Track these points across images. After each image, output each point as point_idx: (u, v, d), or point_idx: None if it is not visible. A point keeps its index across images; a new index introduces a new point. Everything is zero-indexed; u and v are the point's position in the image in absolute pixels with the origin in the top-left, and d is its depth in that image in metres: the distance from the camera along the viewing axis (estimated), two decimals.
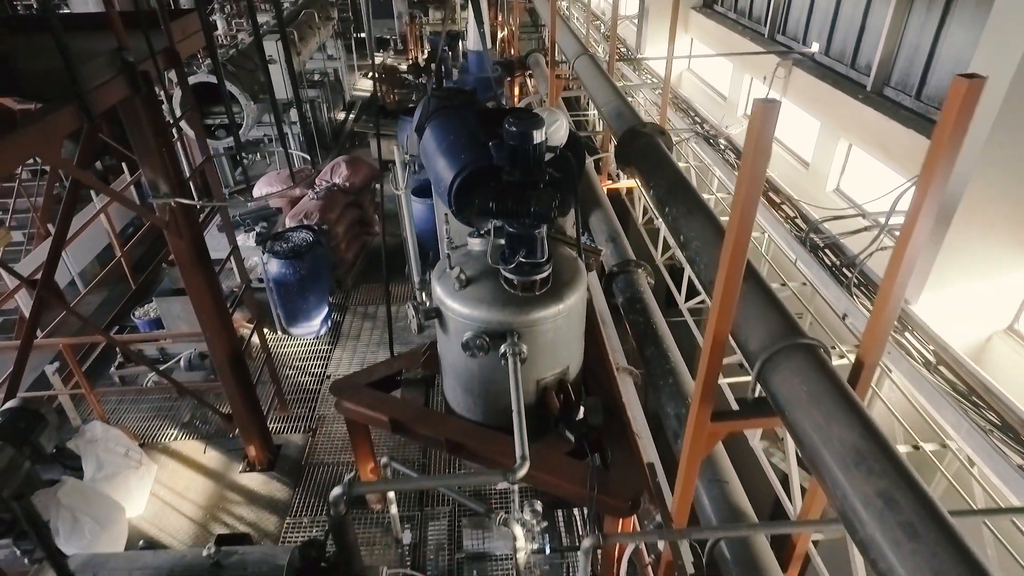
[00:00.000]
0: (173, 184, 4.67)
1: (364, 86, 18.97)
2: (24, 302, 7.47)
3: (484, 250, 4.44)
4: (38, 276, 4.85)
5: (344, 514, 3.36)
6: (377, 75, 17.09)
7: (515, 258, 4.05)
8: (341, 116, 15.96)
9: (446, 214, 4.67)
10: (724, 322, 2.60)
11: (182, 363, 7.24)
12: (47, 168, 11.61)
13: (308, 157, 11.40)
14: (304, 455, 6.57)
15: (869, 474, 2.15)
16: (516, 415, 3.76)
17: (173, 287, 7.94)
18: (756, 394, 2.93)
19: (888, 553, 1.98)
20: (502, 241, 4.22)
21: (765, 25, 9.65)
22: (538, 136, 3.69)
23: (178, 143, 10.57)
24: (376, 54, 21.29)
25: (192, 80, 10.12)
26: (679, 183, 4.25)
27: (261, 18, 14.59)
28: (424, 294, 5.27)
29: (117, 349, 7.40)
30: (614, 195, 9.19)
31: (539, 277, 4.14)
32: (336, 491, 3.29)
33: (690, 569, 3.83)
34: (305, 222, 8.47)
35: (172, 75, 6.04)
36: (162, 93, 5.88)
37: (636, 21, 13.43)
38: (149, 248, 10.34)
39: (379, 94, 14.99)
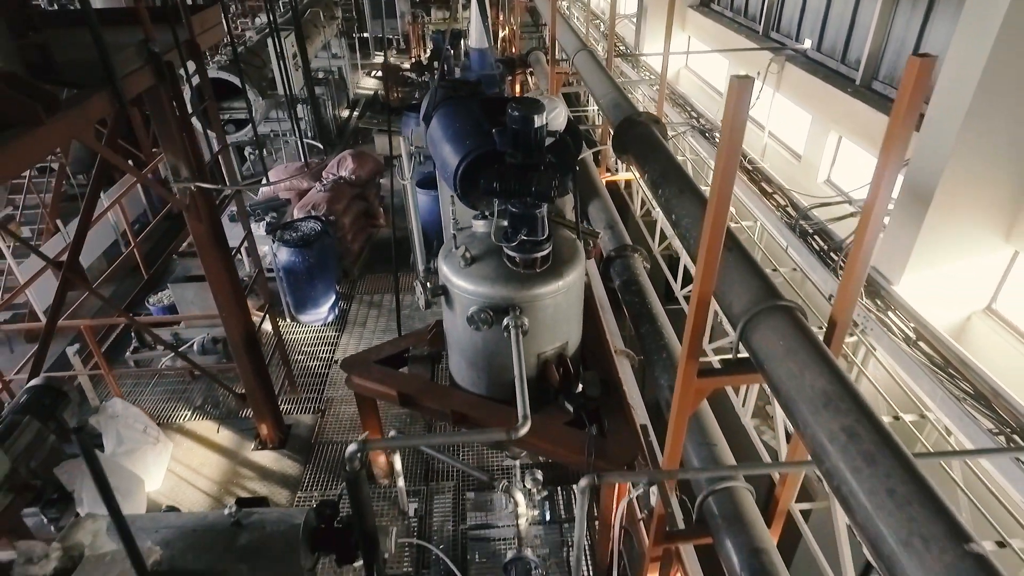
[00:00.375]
0: (193, 169, 4.94)
1: (367, 85, 19.25)
2: (35, 296, 7.67)
3: (488, 231, 4.69)
4: (62, 259, 5.13)
5: (359, 470, 3.62)
6: (381, 74, 17.36)
7: (517, 237, 4.31)
8: (345, 114, 16.24)
9: (452, 197, 4.94)
10: (707, 283, 2.86)
11: (195, 347, 7.50)
12: (55, 167, 11.90)
13: (321, 146, 11.67)
14: (314, 434, 6.84)
15: (835, 413, 2.41)
16: (518, 380, 4.03)
17: (185, 275, 8.20)
18: (739, 354, 3.20)
19: (849, 478, 2.23)
20: (505, 222, 4.49)
21: (760, 23, 9.91)
22: (539, 120, 3.96)
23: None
24: (379, 53, 21.58)
25: None
26: (671, 167, 4.51)
27: (265, 18, 14.86)
28: (428, 282, 5.54)
29: (132, 334, 7.66)
30: (613, 188, 9.46)
31: (540, 255, 4.40)
32: (351, 448, 3.55)
33: (680, 525, 4.10)
34: (313, 213, 8.74)
35: (181, 72, 6.31)
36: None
37: (635, 20, 13.70)
38: (156, 244, 10.61)
39: (384, 91, 15.26)
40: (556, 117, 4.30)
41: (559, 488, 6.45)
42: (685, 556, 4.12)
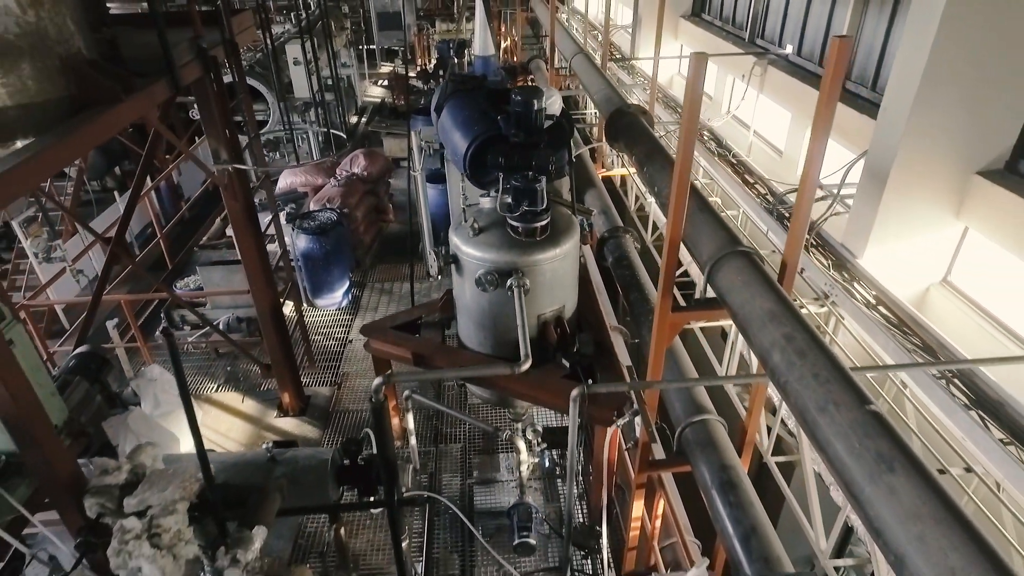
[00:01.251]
0: (231, 153, 5.56)
1: (374, 93, 19.99)
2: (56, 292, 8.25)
3: (493, 206, 5.29)
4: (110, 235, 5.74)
5: (383, 401, 4.19)
6: (389, 82, 18.09)
7: (519, 208, 4.90)
8: (354, 120, 16.93)
9: (462, 178, 5.55)
10: (676, 228, 3.47)
11: (221, 326, 8.09)
12: (72, 174, 12.53)
13: (343, 136, 12.32)
14: (331, 403, 7.41)
15: (778, 325, 3.02)
16: (521, 329, 4.62)
17: (210, 261, 8.81)
18: (706, 294, 3.80)
19: (786, 370, 2.83)
20: (509, 197, 5.09)
21: (746, 30, 10.59)
22: (538, 104, 4.58)
23: None
24: (385, 64, 22.34)
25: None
26: (655, 148, 5.14)
27: (278, 29, 15.59)
28: (436, 268, 6.11)
29: (162, 315, 8.25)
30: (610, 187, 10.09)
31: (539, 224, 4.99)
32: (377, 380, 4.13)
33: (661, 454, 4.68)
34: (328, 206, 9.37)
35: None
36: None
37: (630, 30, 14.41)
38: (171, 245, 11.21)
39: (392, 98, 15.95)
40: (552, 104, 4.92)
41: (555, 451, 7.01)
42: (666, 484, 4.70)
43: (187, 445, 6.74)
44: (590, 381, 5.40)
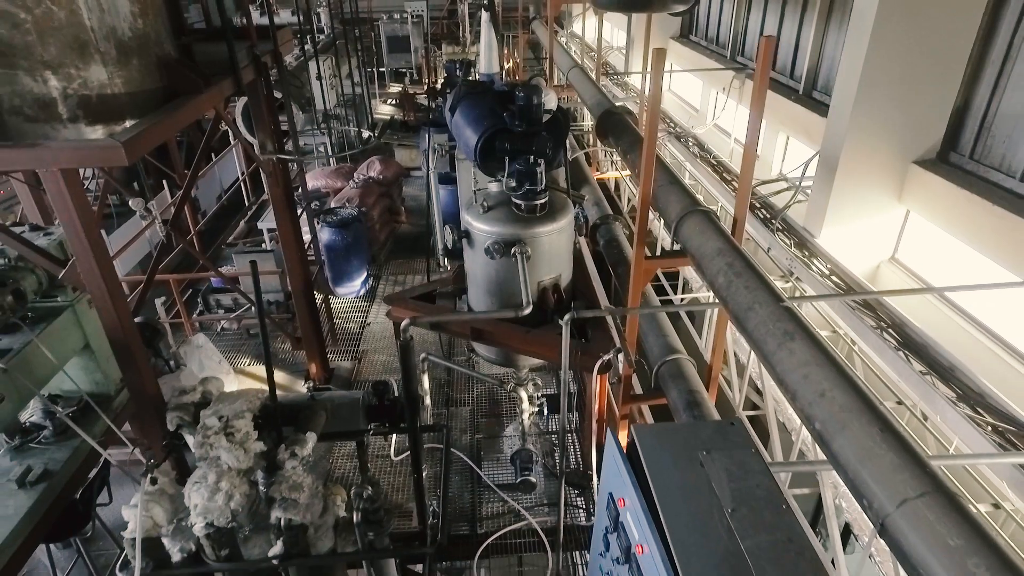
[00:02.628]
0: (275, 145, 6.50)
1: (384, 111, 21.12)
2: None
3: (499, 189, 6.20)
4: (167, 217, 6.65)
5: (411, 339, 5.04)
6: (398, 101, 19.21)
7: (522, 187, 5.81)
8: (366, 134, 18.00)
9: (473, 168, 6.47)
10: (647, 188, 4.38)
11: (253, 308, 8.96)
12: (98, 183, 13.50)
13: (370, 133, 13.32)
14: (352, 375, 8.25)
15: (724, 257, 3.91)
16: (523, 286, 5.49)
17: (243, 250, 9.73)
18: (673, 247, 4.69)
19: (725, 287, 3.70)
20: (513, 181, 6.00)
21: (728, 49, 11.64)
22: (537, 98, 5.52)
23: (237, 145, 12.54)
24: (395, 84, 23.51)
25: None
26: (636, 138, 6.06)
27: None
28: (446, 259, 6.99)
29: (199, 299, 9.14)
30: (604, 189, 11.02)
31: (539, 202, 5.90)
32: (405, 322, 5.00)
33: (639, 390, 5.52)
34: (348, 205, 10.31)
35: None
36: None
37: (624, 51, 15.51)
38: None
39: (402, 114, 17.04)
40: (549, 100, 5.86)
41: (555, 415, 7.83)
42: (646, 416, 5.53)
43: None
44: (583, 339, 6.29)
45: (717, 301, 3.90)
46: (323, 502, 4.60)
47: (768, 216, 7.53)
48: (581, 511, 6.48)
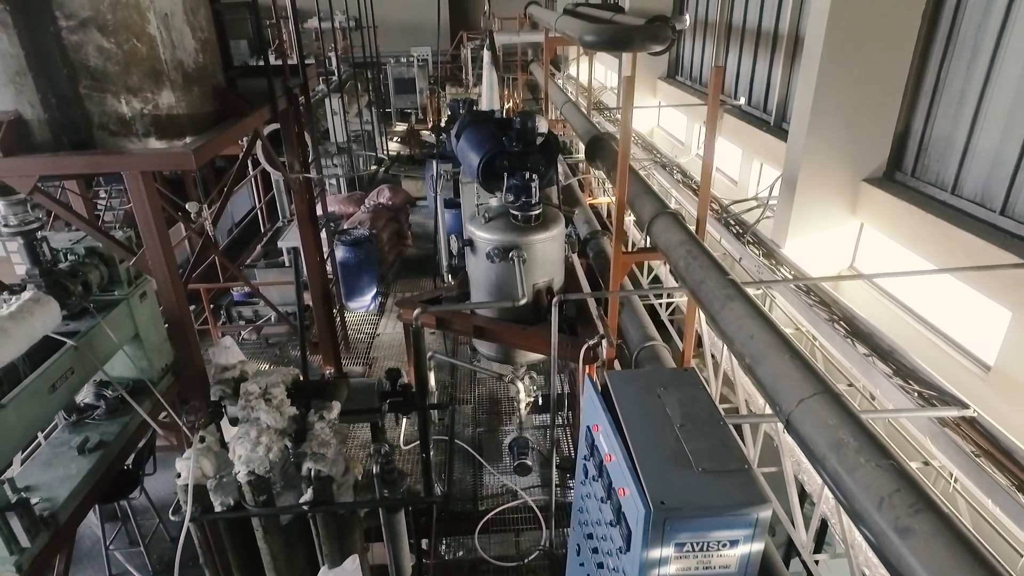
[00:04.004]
0: (302, 165, 7.38)
1: (391, 148, 22.30)
2: None
3: (499, 203, 7.04)
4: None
5: (420, 327, 5.79)
6: (402, 138, 20.37)
7: (519, 200, 6.65)
8: (374, 168, 19.07)
9: (475, 186, 7.32)
10: (622, 192, 5.20)
11: (272, 319, 9.73)
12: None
13: (384, 157, 14.28)
14: (363, 379, 8.95)
15: (685, 247, 4.71)
16: (519, 285, 6.27)
17: (264, 266, 10.56)
18: (646, 244, 5.49)
19: (685, 269, 4.49)
20: (511, 196, 6.84)
21: (707, 86, 12.68)
22: (532, 122, 6.41)
23: (255, 178, 13.50)
24: (400, 123, 24.76)
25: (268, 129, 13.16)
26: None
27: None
28: (450, 276, 7.80)
29: (223, 311, 9.91)
30: (595, 210, 11.91)
31: (533, 213, 6.72)
32: (417, 311, 5.76)
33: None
34: (359, 227, 11.18)
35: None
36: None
37: (616, 90, 16.67)
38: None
39: (408, 149, 18.15)
40: (541, 126, 6.76)
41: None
42: None
43: None
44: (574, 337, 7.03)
45: (681, 285, 4.68)
46: (345, 464, 5.31)
47: (740, 231, 8.37)
48: (571, 492, 7.11)
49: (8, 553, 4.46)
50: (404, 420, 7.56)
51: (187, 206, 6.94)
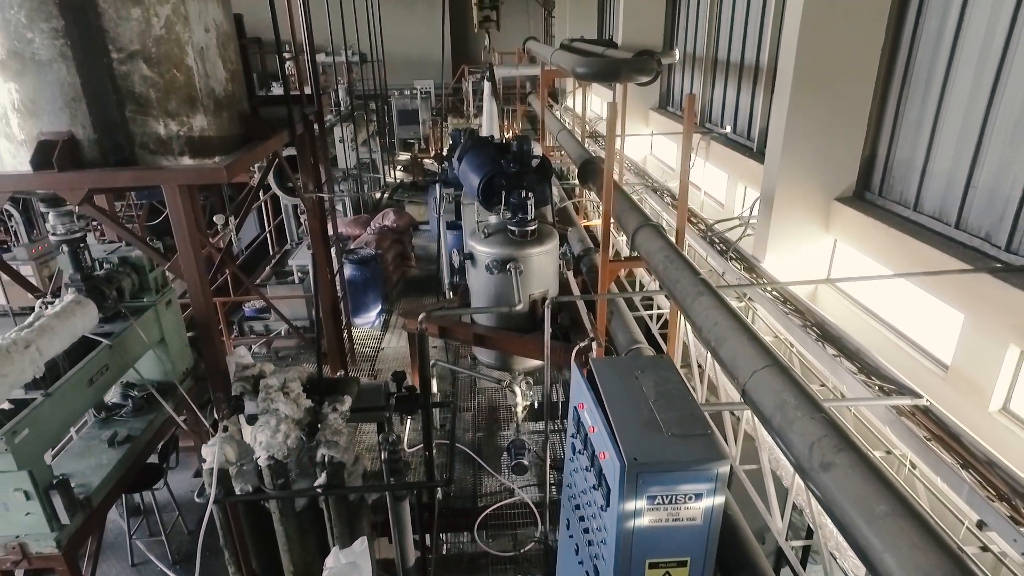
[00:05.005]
0: (316, 186, 7.98)
1: (395, 175, 23.05)
2: None
3: (498, 219, 7.60)
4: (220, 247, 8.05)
5: (424, 331, 6.29)
6: (405, 167, 21.14)
7: (516, 217, 7.21)
8: (378, 195, 19.75)
9: (476, 205, 7.90)
10: (607, 208, 5.76)
11: (283, 333, 10.21)
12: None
13: (389, 182, 14.90)
14: None
15: (664, 252, 5.24)
16: (517, 293, 6.79)
17: (277, 283, 11.09)
18: (632, 253, 6.03)
19: (663, 272, 5.02)
20: (509, 213, 7.41)
21: (697, 116, 13.40)
22: (527, 145, 7.02)
23: (267, 202, 14.13)
24: (404, 153, 25.60)
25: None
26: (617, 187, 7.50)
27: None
28: (452, 292, 8.35)
29: (235, 325, 10.41)
30: (589, 231, 12.50)
31: (529, 229, 7.28)
32: (421, 316, 6.27)
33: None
34: (366, 247, 11.74)
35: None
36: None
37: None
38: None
39: (411, 177, 18.88)
40: (536, 150, 7.37)
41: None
42: None
43: None
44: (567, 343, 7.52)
45: (661, 286, 5.21)
46: (354, 454, 5.77)
47: (724, 248, 8.92)
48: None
49: (49, 530, 4.90)
50: (408, 423, 8.00)
51: (215, 218, 7.51)
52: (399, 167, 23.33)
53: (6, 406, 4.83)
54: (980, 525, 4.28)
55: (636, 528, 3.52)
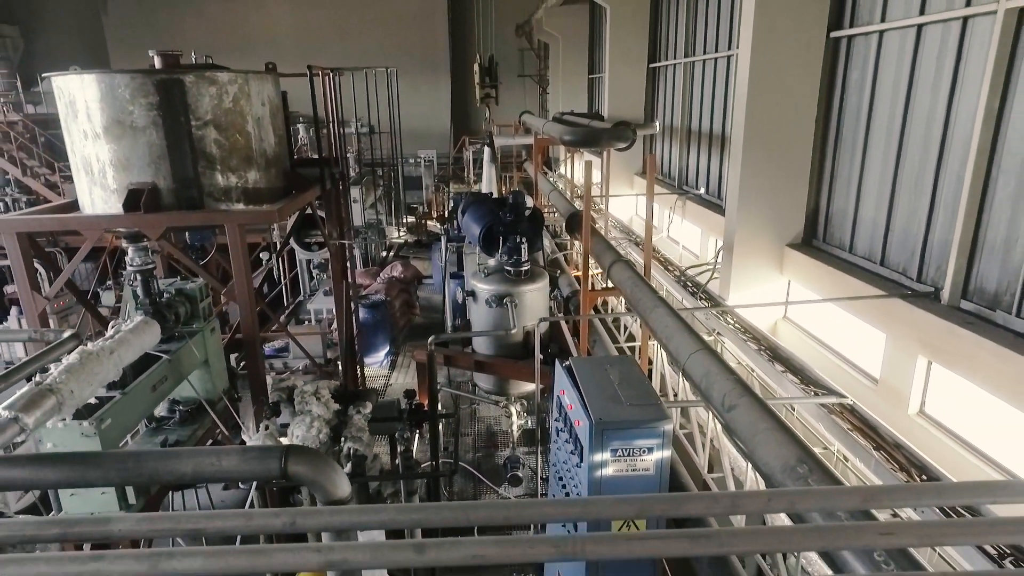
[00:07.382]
0: (340, 234, 9.24)
1: (401, 235, 24.56)
2: None
3: (496, 261, 8.82)
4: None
5: (432, 353, 7.37)
6: (409, 227, 22.65)
7: (511, 259, 8.44)
8: (384, 254, 21.13)
9: (477, 251, 9.15)
10: (586, 244, 6.99)
11: (300, 369, 11.23)
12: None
13: (395, 241, 16.15)
14: None
15: (632, 281, 6.44)
16: (512, 321, 7.91)
17: (296, 323, 12.18)
18: (607, 284, 7.21)
19: (632, 295, 6.20)
20: (505, 255, 8.65)
21: (675, 180, 14.93)
22: (521, 198, 8.32)
23: (282, 258, 15.41)
24: (408, 216, 27.23)
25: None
26: (592, 228, 8.78)
27: None
28: (461, 297, 9.54)
29: None
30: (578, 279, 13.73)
31: (523, 268, 8.50)
32: (432, 339, 7.37)
33: None
34: (376, 294, 12.93)
35: None
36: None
37: (600, 184, 19.04)
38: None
39: (415, 236, 20.32)
40: (528, 203, 8.69)
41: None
42: None
43: None
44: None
45: (629, 307, 6.36)
46: (373, 452, 6.78)
47: (695, 290, 10.11)
48: None
49: (118, 508, 5.84)
50: (416, 439, 8.94)
51: (260, 253, 8.70)
52: (403, 228, 24.87)
53: (92, 401, 5.86)
54: None
55: (603, 478, 4.54)
